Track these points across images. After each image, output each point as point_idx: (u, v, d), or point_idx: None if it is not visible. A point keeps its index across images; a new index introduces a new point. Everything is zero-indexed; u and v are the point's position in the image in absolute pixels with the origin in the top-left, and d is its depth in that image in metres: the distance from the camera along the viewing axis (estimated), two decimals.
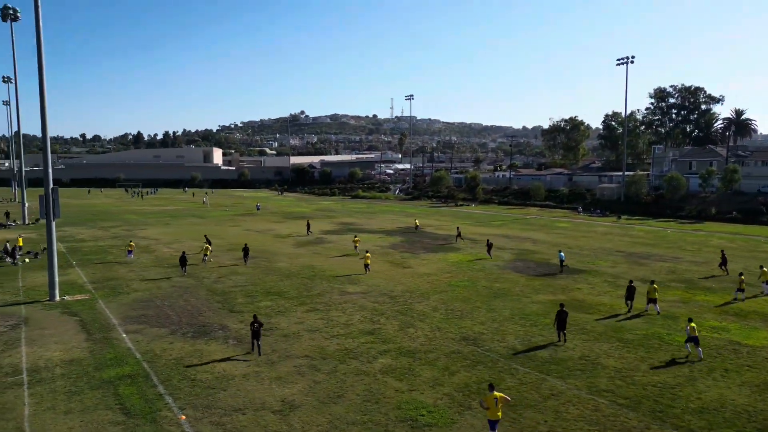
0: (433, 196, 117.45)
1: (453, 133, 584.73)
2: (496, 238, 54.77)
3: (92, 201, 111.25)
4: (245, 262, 41.09)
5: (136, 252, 45.29)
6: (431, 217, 78.54)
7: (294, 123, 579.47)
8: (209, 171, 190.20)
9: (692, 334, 21.19)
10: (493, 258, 43.32)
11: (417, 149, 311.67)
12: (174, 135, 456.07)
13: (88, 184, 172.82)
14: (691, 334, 21.24)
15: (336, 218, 76.77)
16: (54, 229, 31.07)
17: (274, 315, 27.15)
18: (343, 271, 38.07)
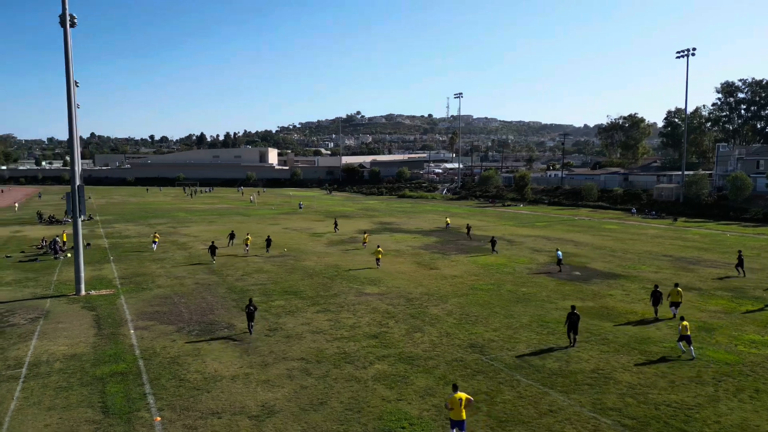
0: (481, 195, 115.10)
1: (510, 132, 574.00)
2: (536, 240, 52.64)
3: (149, 199, 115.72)
4: (267, 250, 45.13)
5: (171, 248, 46.35)
6: (473, 218, 76.65)
7: (349, 123, 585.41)
8: (264, 170, 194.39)
9: (683, 333, 21.16)
10: (513, 259, 41.48)
11: (471, 148, 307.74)
12: (234, 136, 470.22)
13: (152, 183, 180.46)
14: (682, 333, 21.20)
15: (376, 217, 76.24)
16: (80, 225, 31.93)
17: (284, 315, 26.76)
18: (367, 272, 37.35)
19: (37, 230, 59.80)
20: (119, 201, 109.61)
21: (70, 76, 30.97)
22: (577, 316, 22.31)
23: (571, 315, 22.28)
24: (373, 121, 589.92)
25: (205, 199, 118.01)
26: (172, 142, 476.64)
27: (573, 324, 22.16)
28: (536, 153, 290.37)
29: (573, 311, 22.41)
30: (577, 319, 22.21)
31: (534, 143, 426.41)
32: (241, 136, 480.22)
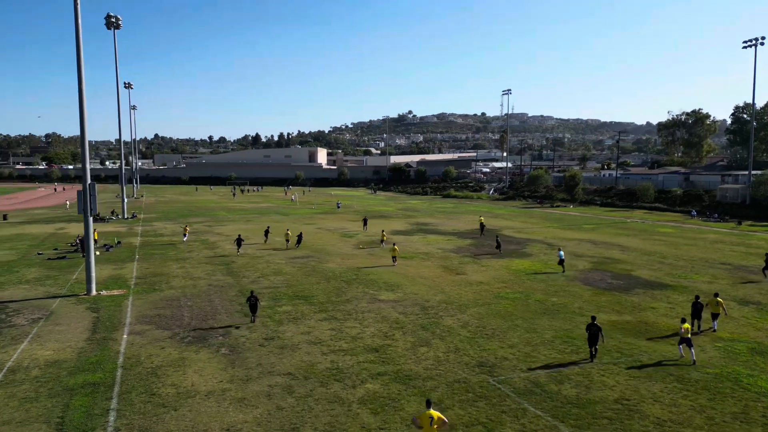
0: (529, 196, 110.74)
1: (567, 130, 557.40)
2: (579, 245, 49.10)
3: (197, 198, 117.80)
4: (297, 245, 47.04)
5: (199, 247, 45.93)
6: (516, 219, 73.16)
7: (400, 123, 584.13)
8: (312, 170, 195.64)
9: (684, 335, 20.17)
10: (549, 264, 38.31)
11: (523, 147, 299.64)
12: (288, 136, 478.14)
13: (205, 182, 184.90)
14: (683, 335, 20.20)
15: (414, 218, 74.02)
16: (91, 223, 31.38)
17: (287, 322, 25.10)
18: (388, 276, 35.30)
19: (80, 228, 60.94)
20: (168, 199, 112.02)
21: (82, 79, 30.35)
22: (598, 327, 20.35)
23: (591, 326, 20.43)
24: (425, 121, 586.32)
25: (251, 198, 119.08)
26: (229, 142, 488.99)
27: (592, 337, 20.28)
28: (593, 152, 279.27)
29: (593, 322, 20.59)
30: (598, 331, 20.26)
31: (591, 142, 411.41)
32: (294, 137, 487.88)
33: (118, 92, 73.87)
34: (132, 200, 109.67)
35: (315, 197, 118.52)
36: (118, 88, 74.00)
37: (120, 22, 71.83)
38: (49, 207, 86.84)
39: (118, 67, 73.30)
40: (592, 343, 20.29)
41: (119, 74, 79.77)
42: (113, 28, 71.75)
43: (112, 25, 71.40)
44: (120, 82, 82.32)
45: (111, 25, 71.38)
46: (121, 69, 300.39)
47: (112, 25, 71.45)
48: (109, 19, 70.67)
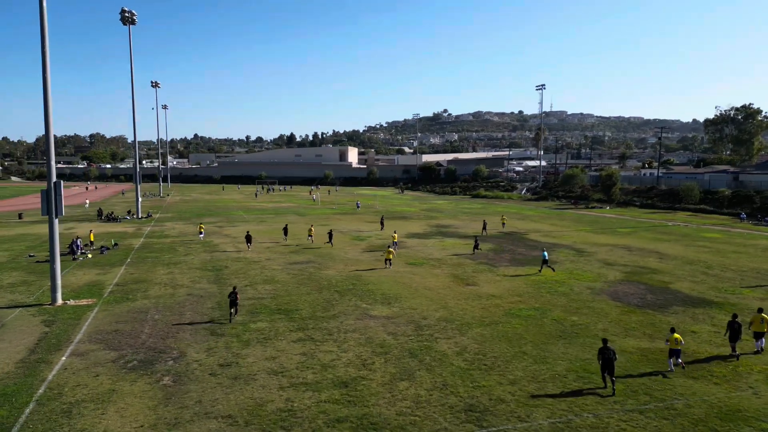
0: (563, 196, 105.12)
1: (608, 128, 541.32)
2: (611, 251, 44.23)
3: (221, 197, 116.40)
4: (329, 242, 46.94)
5: (197, 250, 43.18)
6: (546, 221, 68.16)
7: (435, 122, 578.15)
8: (342, 169, 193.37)
9: (674, 346, 18.58)
10: (575, 274, 33.76)
11: (561, 145, 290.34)
12: (322, 135, 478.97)
13: (236, 181, 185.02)
14: (672, 346, 18.61)
15: (436, 219, 69.90)
16: (56, 225, 28.64)
17: (254, 343, 21.62)
18: (390, 286, 31.52)
19: (89, 228, 59.28)
20: (192, 199, 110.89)
21: (47, 76, 27.62)
22: (612, 351, 17.37)
23: (603, 351, 17.43)
24: (460, 119, 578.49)
25: (275, 197, 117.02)
26: (266, 143, 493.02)
27: (607, 363, 17.21)
28: (634, 150, 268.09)
29: (605, 346, 17.57)
30: (613, 356, 17.27)
31: (633, 140, 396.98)
32: (329, 136, 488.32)
33: (132, 90, 72.34)
34: (157, 199, 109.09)
35: (339, 197, 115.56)
36: (133, 86, 72.48)
37: (135, 18, 70.19)
38: (69, 206, 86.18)
39: (133, 65, 71.72)
40: (607, 370, 17.15)
41: (151, 74, 78.32)
42: (128, 24, 70.14)
43: (127, 20, 69.83)
44: (138, 79, 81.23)
45: (126, 21, 69.82)
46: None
47: (127, 21, 69.87)
48: (123, 14, 69.13)
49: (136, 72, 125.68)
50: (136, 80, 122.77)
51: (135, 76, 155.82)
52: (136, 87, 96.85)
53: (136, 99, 74.41)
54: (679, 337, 18.81)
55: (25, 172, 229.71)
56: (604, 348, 17.46)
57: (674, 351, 18.65)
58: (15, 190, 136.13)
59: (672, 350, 18.69)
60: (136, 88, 74.67)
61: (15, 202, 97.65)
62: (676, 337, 18.63)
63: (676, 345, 18.55)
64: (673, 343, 18.58)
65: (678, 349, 18.63)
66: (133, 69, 72.06)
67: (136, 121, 69.70)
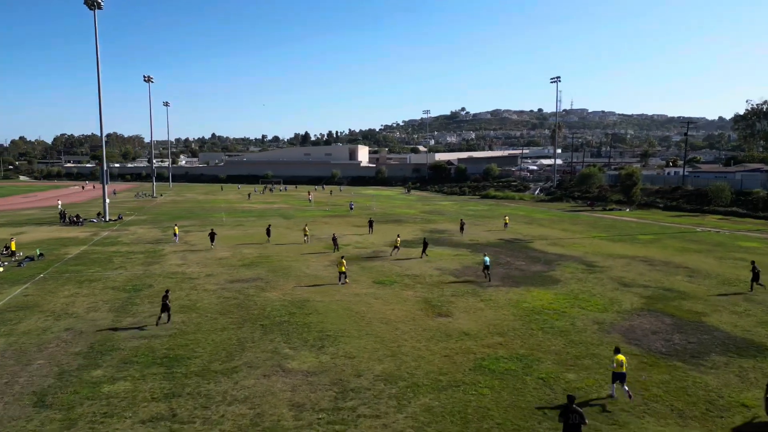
0: (579, 197, 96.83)
1: (630, 126, 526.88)
2: (629, 265, 36.61)
3: (216, 197, 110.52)
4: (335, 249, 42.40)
5: (140, 261, 36.56)
6: (556, 226, 60.36)
7: (453, 120, 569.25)
8: (350, 168, 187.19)
9: (618, 369, 16.00)
10: (580, 299, 26.32)
11: (581, 143, 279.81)
12: (337, 134, 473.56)
13: (241, 180, 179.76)
14: (616, 370, 16.03)
15: (433, 223, 62.58)
16: None
17: (81, 424, 14.68)
18: (336, 318, 24.46)
19: (42, 232, 53.28)
20: (184, 199, 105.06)
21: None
22: (579, 415, 12.66)
23: (567, 413, 12.81)
24: (478, 117, 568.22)
25: (271, 197, 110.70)
26: (282, 142, 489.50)
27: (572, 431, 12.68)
28: (657, 148, 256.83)
29: (570, 405, 12.93)
30: (580, 421, 12.61)
31: (656, 138, 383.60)
32: (345, 135, 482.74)
33: (99, 81, 65.82)
34: (147, 200, 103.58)
35: (340, 197, 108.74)
36: (99, 77, 65.95)
37: (101, 2, 64.14)
38: (40, 208, 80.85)
39: (99, 53, 65.42)
40: None
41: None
42: (94, 9, 64.11)
43: (93, 5, 63.82)
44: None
45: (91, 6, 63.82)
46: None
47: (93, 6, 63.87)
48: None
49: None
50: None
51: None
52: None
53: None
54: (623, 358, 16.36)
55: (34, 172, 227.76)
56: (567, 409, 12.81)
57: (618, 375, 16.22)
58: (8, 189, 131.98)
59: (615, 374, 16.27)
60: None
61: None
62: (620, 359, 16.26)
63: (621, 368, 16.14)
64: (618, 366, 16.14)
65: (623, 372, 16.15)
66: (99, 57, 65.80)
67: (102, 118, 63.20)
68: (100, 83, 65.07)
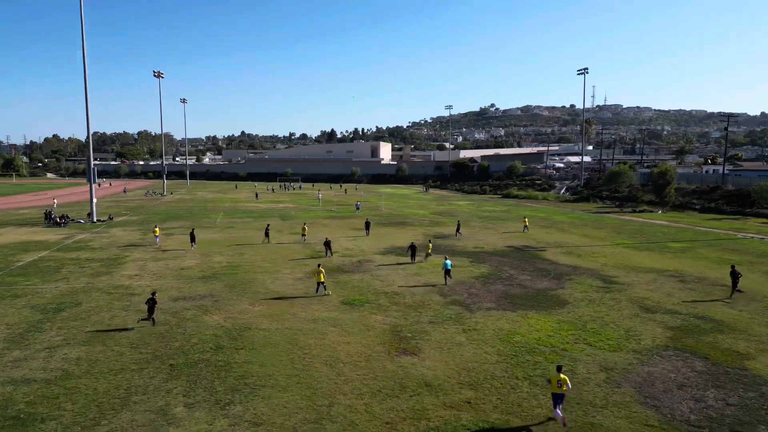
0: (608, 197, 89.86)
1: (667, 122, 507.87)
2: (657, 282, 30.71)
3: (226, 196, 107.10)
4: (327, 254, 38.66)
5: (93, 271, 32.31)
6: (576, 231, 54.21)
7: (482, 117, 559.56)
8: (370, 166, 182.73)
9: (555, 390, 14.43)
10: (589, 329, 20.72)
11: (615, 140, 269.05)
12: (363, 131, 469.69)
13: (261, 178, 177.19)
14: (553, 390, 14.46)
15: (441, 226, 57.18)
16: None
17: None
18: (268, 359, 19.52)
19: (16, 234, 49.88)
20: (192, 198, 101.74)
21: None
22: None
23: None
24: (508, 114, 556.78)
25: (281, 196, 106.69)
26: (309, 139, 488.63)
27: None
28: (695, 144, 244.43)
29: None
30: None
31: (694, 134, 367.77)
32: (371, 132, 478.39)
33: (84, 72, 62.61)
34: (154, 198, 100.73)
35: (353, 196, 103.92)
36: (85, 67, 62.79)
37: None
38: (42, 206, 78.11)
39: (85, 42, 62.05)
40: None
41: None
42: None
43: None
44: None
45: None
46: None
47: None
48: None
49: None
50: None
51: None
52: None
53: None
54: (565, 378, 14.53)
55: (61, 169, 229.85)
56: None
57: (558, 396, 14.48)
58: (25, 187, 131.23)
59: (555, 395, 14.50)
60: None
61: (3, 201, 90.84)
62: (561, 378, 14.45)
63: (559, 389, 14.36)
64: (554, 386, 14.42)
65: (561, 393, 14.44)
66: (84, 48, 62.43)
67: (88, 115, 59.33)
68: (86, 77, 61.49)
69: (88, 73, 60.52)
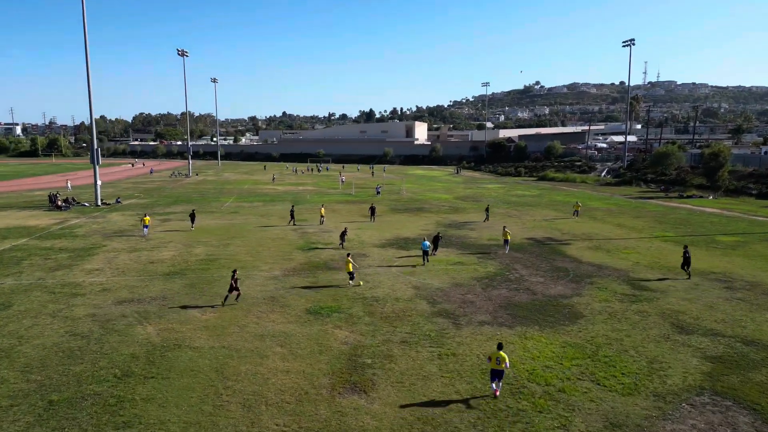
0: (653, 180, 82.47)
1: (725, 99, 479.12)
2: (701, 287, 25.35)
3: (249, 177, 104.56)
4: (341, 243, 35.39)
5: (28, 270, 29.30)
6: (611, 219, 48.33)
7: (526, 95, 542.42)
8: (403, 146, 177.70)
9: (495, 366, 14.78)
10: (602, 358, 15.86)
11: (666, 118, 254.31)
12: (402, 111, 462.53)
13: (294, 159, 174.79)
14: (493, 366, 14.80)
15: (460, 213, 52.33)
16: None
17: None
18: (174, 395, 15.62)
19: (10, 219, 47.86)
20: (215, 179, 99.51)
21: None
22: None
23: None
24: (553, 92, 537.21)
25: (304, 178, 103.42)
26: (348, 119, 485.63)
27: None
28: (755, 123, 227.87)
29: None
30: None
31: (754, 112, 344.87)
32: (411, 112, 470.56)
33: (86, 53, 60.06)
34: (177, 179, 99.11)
35: (376, 179, 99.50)
36: (87, 49, 60.09)
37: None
38: (54, 188, 76.87)
39: (86, 22, 59.21)
40: None
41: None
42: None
43: None
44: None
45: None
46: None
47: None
48: None
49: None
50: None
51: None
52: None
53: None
54: (504, 356, 14.68)
55: (103, 150, 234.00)
56: None
57: (496, 372, 14.78)
58: (62, 167, 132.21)
59: (494, 371, 14.76)
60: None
61: (29, 182, 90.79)
62: (501, 356, 14.65)
63: (499, 365, 14.61)
64: (494, 362, 14.66)
65: (501, 370, 14.72)
66: (86, 30, 59.60)
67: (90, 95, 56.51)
68: (87, 60, 58.72)
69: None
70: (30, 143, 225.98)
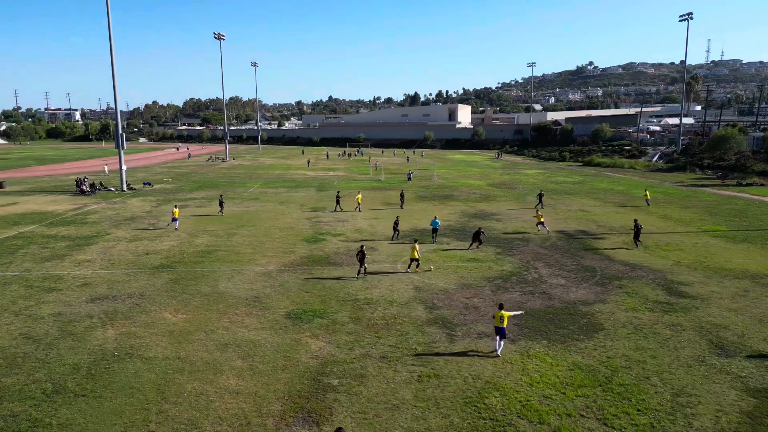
0: (710, 166, 76.13)
1: None
2: (751, 293, 21.64)
3: (285, 162, 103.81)
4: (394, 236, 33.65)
5: (18, 262, 28.22)
6: (656, 210, 43.95)
7: (578, 76, 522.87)
8: (445, 130, 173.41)
9: (497, 324, 16.07)
10: (605, 372, 12.75)
11: (729, 99, 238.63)
12: (447, 94, 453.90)
13: (334, 143, 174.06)
14: (496, 324, 16.11)
15: (491, 201, 49.06)
16: None
17: None
18: (92, 419, 13.60)
19: (34, 204, 47.85)
20: (251, 164, 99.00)
21: None
22: None
23: None
24: (607, 72, 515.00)
25: (337, 162, 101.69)
26: (393, 103, 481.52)
27: None
28: None
29: None
30: None
31: None
32: (458, 95, 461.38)
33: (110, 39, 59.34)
34: (213, 164, 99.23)
35: (411, 164, 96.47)
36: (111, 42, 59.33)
37: None
38: (91, 172, 77.66)
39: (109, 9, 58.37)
40: None
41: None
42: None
43: None
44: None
45: None
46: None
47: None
48: None
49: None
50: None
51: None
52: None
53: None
54: (506, 314, 16.11)
55: (152, 134, 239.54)
56: None
57: (499, 330, 16.10)
58: (108, 151, 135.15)
59: (497, 328, 16.14)
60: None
61: (70, 166, 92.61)
62: (503, 314, 16.01)
63: (501, 323, 16.00)
64: (497, 320, 16.06)
65: (503, 327, 16.06)
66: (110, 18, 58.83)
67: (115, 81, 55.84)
68: (111, 47, 58.03)
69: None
70: (84, 128, 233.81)
